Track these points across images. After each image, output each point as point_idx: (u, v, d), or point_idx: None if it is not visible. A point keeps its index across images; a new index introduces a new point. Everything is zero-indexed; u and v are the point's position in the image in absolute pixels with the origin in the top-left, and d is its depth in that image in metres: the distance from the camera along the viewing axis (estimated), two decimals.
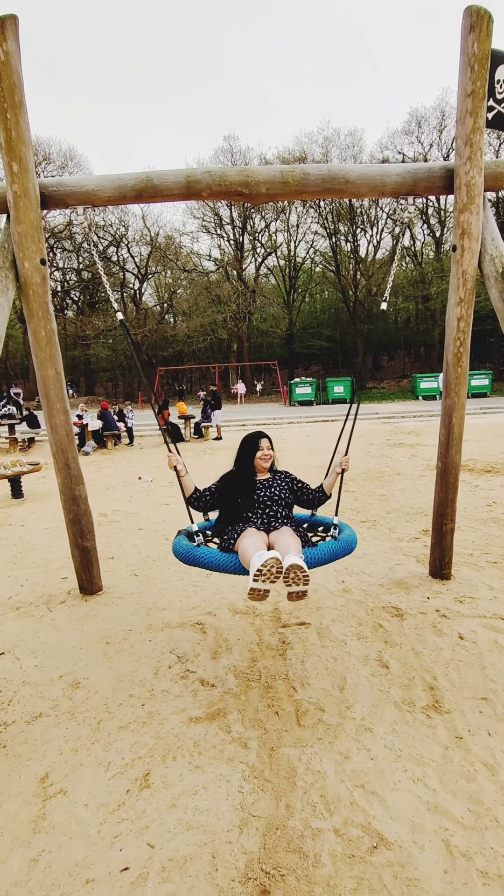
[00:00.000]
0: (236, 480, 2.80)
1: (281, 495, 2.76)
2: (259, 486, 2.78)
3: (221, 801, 1.92)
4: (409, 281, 33.44)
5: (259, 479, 2.83)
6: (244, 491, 2.74)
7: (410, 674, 2.69)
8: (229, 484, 2.81)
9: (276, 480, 2.84)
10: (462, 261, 3.20)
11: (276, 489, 2.78)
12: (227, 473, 2.89)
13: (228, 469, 2.94)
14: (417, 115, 29.93)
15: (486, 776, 1.99)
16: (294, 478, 2.94)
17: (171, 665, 2.87)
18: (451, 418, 3.54)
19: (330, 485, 2.88)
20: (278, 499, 2.75)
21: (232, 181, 3.14)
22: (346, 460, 2.80)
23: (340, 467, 2.78)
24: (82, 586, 3.89)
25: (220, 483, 2.84)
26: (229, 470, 2.91)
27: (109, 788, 2.00)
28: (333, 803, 1.89)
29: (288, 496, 2.81)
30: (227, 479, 2.85)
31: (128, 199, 3.20)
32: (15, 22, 2.79)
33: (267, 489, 2.77)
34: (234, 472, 2.86)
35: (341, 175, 3.17)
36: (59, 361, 3.42)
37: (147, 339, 32.75)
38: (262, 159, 32.23)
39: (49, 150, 30.45)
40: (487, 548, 4.47)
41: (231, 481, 2.81)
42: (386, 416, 17.47)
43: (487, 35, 2.85)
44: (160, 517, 6.01)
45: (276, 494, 2.76)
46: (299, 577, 2.14)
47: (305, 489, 2.91)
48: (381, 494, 6.58)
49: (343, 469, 2.78)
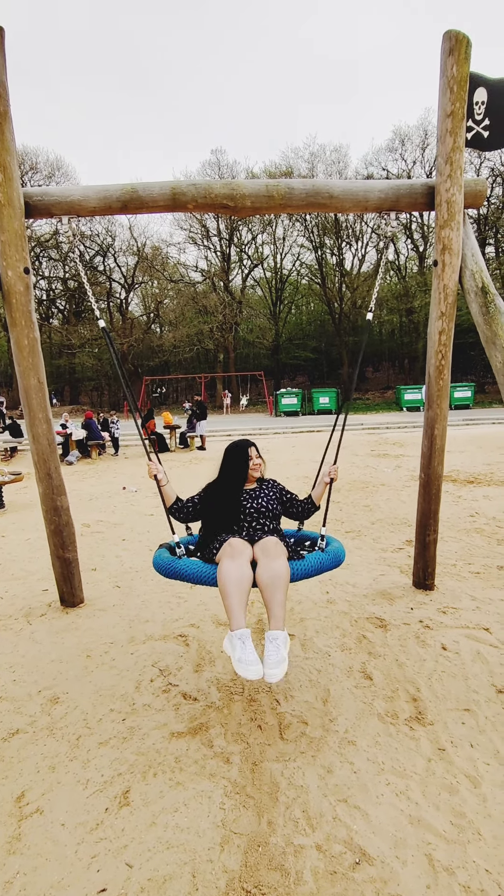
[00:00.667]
0: (222, 491, 2.65)
1: (269, 506, 2.62)
2: (245, 497, 2.63)
3: (202, 819, 1.88)
4: (394, 294, 34.00)
5: (245, 489, 2.69)
6: (230, 503, 2.60)
7: (394, 685, 2.68)
8: (214, 495, 2.67)
9: (263, 490, 2.70)
10: (443, 276, 3.27)
11: (264, 500, 2.63)
12: (212, 484, 2.74)
13: (213, 478, 2.80)
14: (401, 133, 30.68)
15: (468, 788, 1.99)
16: (282, 488, 2.82)
17: (153, 679, 2.82)
18: (434, 430, 3.58)
19: (319, 495, 2.80)
20: (266, 510, 2.60)
21: (217, 194, 3.17)
22: (334, 469, 2.69)
23: (329, 476, 2.68)
24: (63, 598, 3.82)
25: (205, 494, 2.71)
26: (213, 480, 2.77)
27: (87, 807, 1.95)
28: (316, 819, 1.87)
29: (276, 507, 2.67)
30: (211, 490, 2.71)
31: (113, 210, 3.21)
32: (1, 34, 2.80)
33: (254, 500, 2.62)
34: (219, 483, 2.71)
35: (325, 190, 3.22)
36: (42, 371, 3.40)
37: (133, 349, 32.70)
38: (249, 173, 32.66)
39: (36, 159, 30.48)
40: (470, 558, 4.51)
41: (216, 493, 2.67)
42: (371, 427, 17.63)
43: (466, 58, 2.94)
44: (144, 528, 5.96)
45: (264, 506, 2.61)
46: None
47: (294, 500, 2.80)
48: (366, 505, 6.62)
49: (332, 478, 2.68)
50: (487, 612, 3.45)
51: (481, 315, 3.10)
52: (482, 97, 3.11)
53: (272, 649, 2.03)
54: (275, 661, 2.00)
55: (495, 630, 3.20)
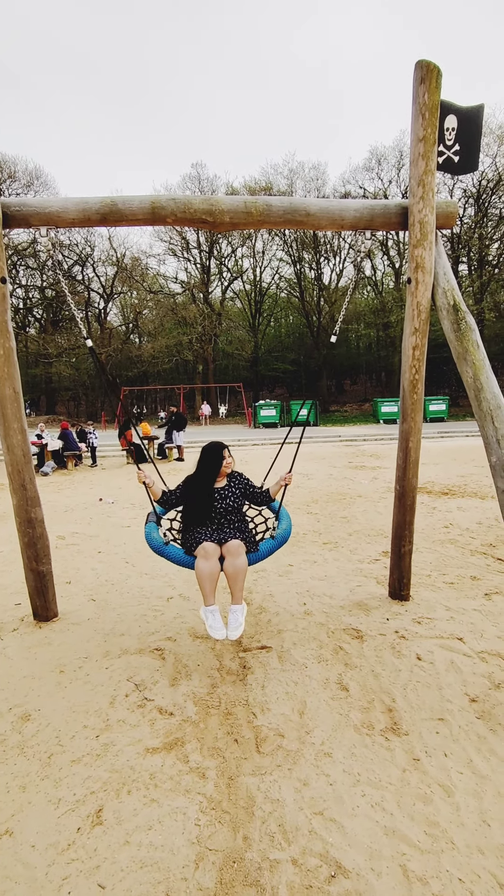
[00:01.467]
0: (198, 484, 3.19)
1: (235, 504, 3.19)
2: (217, 497, 3.17)
3: (177, 836, 1.86)
4: (371, 309, 34.65)
5: (217, 488, 3.21)
6: (204, 501, 3.15)
7: (370, 696, 2.70)
8: (192, 487, 3.22)
9: (230, 489, 3.24)
10: (416, 293, 3.36)
11: (231, 499, 3.19)
12: (190, 477, 3.27)
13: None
14: (377, 153, 31.50)
15: (441, 798, 2.01)
16: (246, 481, 3.37)
17: (128, 693, 2.78)
18: (408, 442, 3.66)
19: (275, 492, 3.40)
20: (232, 509, 3.17)
21: (196, 209, 3.21)
22: (289, 477, 3.29)
23: (284, 482, 3.28)
24: (36, 613, 3.74)
25: (184, 487, 3.28)
26: (191, 474, 3.28)
27: (59, 827, 1.91)
28: (292, 832, 1.86)
29: (241, 501, 3.27)
30: (190, 482, 3.25)
31: (92, 222, 3.22)
32: None
33: (223, 500, 3.17)
34: (196, 477, 3.23)
35: (302, 208, 3.30)
36: (18, 380, 3.36)
37: (111, 359, 32.45)
38: (229, 187, 33.04)
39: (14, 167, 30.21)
40: (444, 568, 4.58)
41: (194, 485, 3.21)
42: (348, 439, 17.83)
43: (437, 87, 3.07)
44: (121, 540, 5.88)
45: (231, 504, 3.17)
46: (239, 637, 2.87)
47: (255, 492, 3.41)
48: (343, 516, 6.68)
49: (286, 483, 3.27)
50: (461, 621, 3.51)
51: (453, 332, 3.20)
52: (453, 124, 3.24)
53: (233, 618, 2.80)
54: (235, 626, 2.76)
55: (469, 639, 3.25)
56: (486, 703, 2.60)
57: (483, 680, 2.81)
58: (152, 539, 3.05)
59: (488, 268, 30.23)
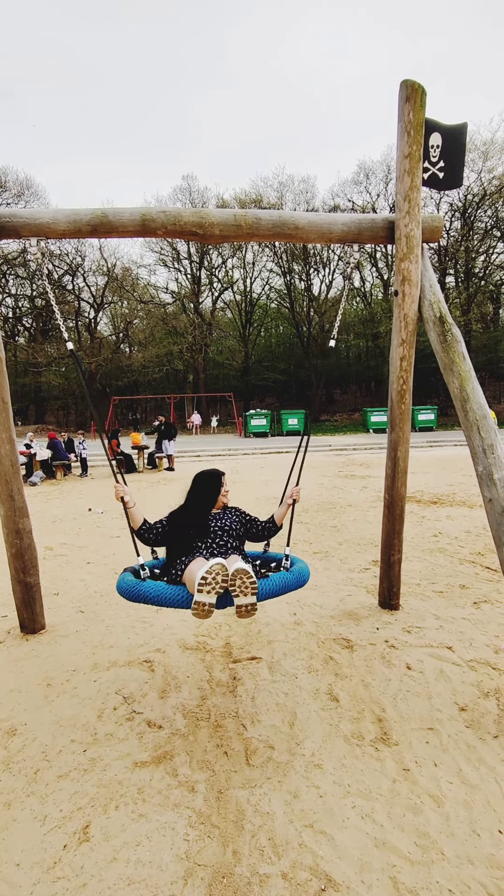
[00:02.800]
0: (192, 516, 2.73)
1: (233, 526, 2.73)
2: (211, 518, 2.75)
3: (165, 852, 1.83)
4: (360, 319, 35.03)
5: (211, 513, 2.80)
6: (199, 525, 2.68)
7: (360, 706, 2.70)
8: (181, 520, 2.72)
9: (227, 514, 2.83)
10: (403, 305, 3.42)
11: (228, 521, 2.75)
12: (176, 512, 2.79)
13: (181, 500, 2.86)
14: (365, 167, 32.07)
15: (432, 808, 2.00)
16: (244, 512, 2.94)
17: (116, 706, 2.75)
18: (397, 452, 3.69)
19: (281, 516, 2.92)
20: (230, 529, 2.71)
21: (187, 222, 3.24)
22: (297, 491, 2.84)
23: (291, 498, 2.83)
24: (23, 625, 3.70)
25: (170, 521, 2.74)
26: (178, 507, 2.82)
27: (45, 845, 1.87)
28: (282, 846, 1.84)
29: (239, 528, 2.78)
30: (177, 517, 2.75)
31: (83, 234, 3.24)
32: None
33: (219, 520, 2.75)
34: (189, 509, 2.77)
35: (291, 222, 3.35)
36: (6, 390, 3.35)
37: (102, 368, 32.37)
38: (220, 199, 33.34)
39: (5, 178, 30.27)
40: (434, 577, 4.61)
41: (184, 518, 2.73)
42: (338, 449, 17.91)
43: (421, 105, 3.15)
44: (110, 550, 5.84)
45: (228, 525, 2.72)
46: (246, 584, 2.08)
47: (255, 522, 2.92)
48: (333, 526, 6.69)
49: (294, 500, 2.82)
50: (450, 630, 3.53)
51: (439, 343, 3.25)
52: (437, 141, 3.32)
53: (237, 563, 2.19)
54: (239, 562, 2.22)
55: (458, 648, 3.27)
56: (475, 712, 2.60)
57: (472, 689, 2.82)
58: (125, 584, 2.40)
59: (475, 280, 30.76)
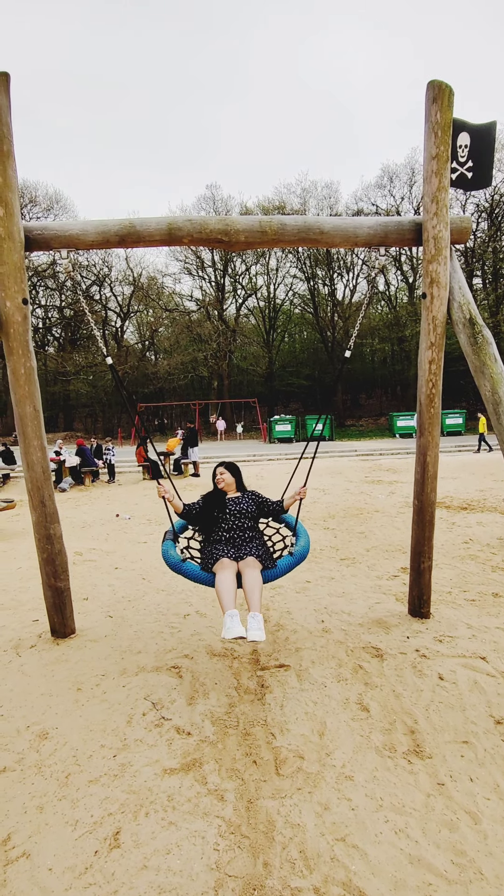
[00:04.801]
0: (212, 498, 3.52)
1: (248, 509, 3.41)
2: (230, 503, 3.45)
3: (196, 861, 1.82)
4: (385, 323, 34.66)
5: (230, 497, 3.51)
6: (218, 505, 3.45)
7: (391, 717, 2.64)
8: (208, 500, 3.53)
9: (244, 498, 3.51)
10: (432, 307, 3.36)
11: (244, 504, 3.45)
12: (207, 493, 3.64)
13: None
14: (389, 170, 31.88)
15: (468, 825, 1.94)
16: (259, 494, 3.61)
17: (145, 712, 2.76)
18: (426, 457, 3.62)
19: (289, 502, 3.56)
20: (246, 512, 3.39)
21: (212, 229, 3.27)
22: (303, 491, 3.42)
23: (298, 496, 3.42)
24: (54, 629, 3.75)
25: (202, 500, 3.57)
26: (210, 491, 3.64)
27: (76, 850, 1.89)
28: (313, 859, 1.81)
29: (254, 509, 3.46)
30: (206, 497, 3.58)
31: (111, 244, 3.30)
32: (6, 79, 2.93)
33: (237, 505, 3.43)
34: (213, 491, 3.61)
35: (316, 226, 3.34)
36: (38, 399, 3.42)
37: (128, 376, 32.91)
38: (244, 207, 33.63)
39: (35, 193, 31.28)
40: (465, 585, 4.49)
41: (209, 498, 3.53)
42: (364, 454, 17.71)
43: (449, 106, 3.10)
44: (137, 556, 5.89)
45: (244, 509, 3.41)
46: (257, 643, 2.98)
47: (268, 503, 3.58)
48: (360, 532, 6.60)
49: (300, 497, 3.41)
50: (484, 640, 3.42)
51: (469, 345, 3.18)
52: (465, 141, 3.26)
53: (254, 622, 2.66)
54: (255, 627, 2.60)
55: (492, 659, 3.17)
56: None
57: None
58: (169, 556, 3.08)
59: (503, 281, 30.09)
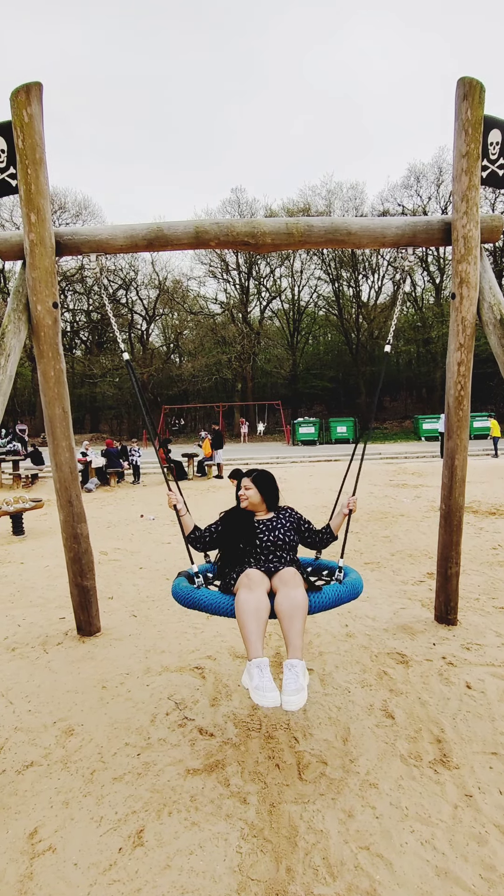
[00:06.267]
0: (236, 521, 2.66)
1: (285, 539, 2.57)
2: (261, 529, 2.59)
3: (218, 863, 1.82)
4: (411, 325, 34.20)
5: (260, 520, 2.66)
6: (245, 535, 2.57)
7: (417, 725, 2.59)
8: (230, 524, 2.67)
9: (279, 521, 2.65)
10: (461, 308, 3.30)
11: (280, 532, 2.59)
12: (228, 511, 2.77)
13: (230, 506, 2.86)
14: (416, 170, 31.44)
15: (497, 839, 1.88)
16: (300, 517, 2.77)
17: (168, 712, 2.77)
18: (454, 460, 3.55)
19: (337, 526, 2.78)
20: (282, 543, 2.55)
21: (239, 232, 3.28)
22: (353, 500, 2.71)
23: (347, 508, 2.70)
24: (80, 627, 3.81)
25: (221, 521, 2.72)
26: (231, 507, 2.81)
27: (101, 846, 1.90)
28: (337, 867, 1.79)
29: (293, 538, 2.62)
30: (227, 517, 2.72)
31: (139, 248, 3.34)
32: (39, 89, 3.01)
33: (270, 532, 2.58)
34: (234, 510, 2.74)
35: (343, 227, 3.31)
36: (67, 400, 3.49)
37: (153, 378, 33.32)
38: (268, 210, 33.69)
39: (65, 199, 31.98)
40: (494, 592, 4.38)
41: (231, 521, 2.68)
42: (389, 457, 17.49)
43: (480, 103, 3.05)
44: (161, 556, 5.95)
45: (280, 538, 2.56)
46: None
47: (311, 530, 2.78)
48: (385, 536, 6.51)
49: (350, 510, 2.69)
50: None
51: (500, 346, 3.11)
52: (497, 138, 3.20)
53: (291, 677, 1.99)
54: (293, 689, 1.95)
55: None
56: None
57: None
58: (180, 590, 2.43)
59: None
